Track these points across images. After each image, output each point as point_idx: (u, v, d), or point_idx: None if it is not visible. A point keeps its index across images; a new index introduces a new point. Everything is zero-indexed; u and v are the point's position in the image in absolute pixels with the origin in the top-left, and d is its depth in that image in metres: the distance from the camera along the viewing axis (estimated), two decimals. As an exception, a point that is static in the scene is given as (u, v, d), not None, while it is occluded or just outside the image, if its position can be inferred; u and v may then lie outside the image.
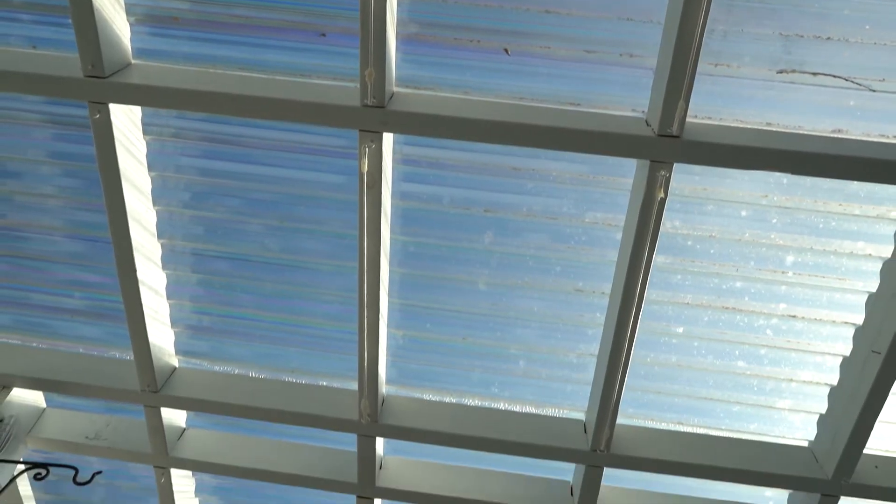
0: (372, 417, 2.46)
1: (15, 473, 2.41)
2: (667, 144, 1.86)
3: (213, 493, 3.04)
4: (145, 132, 2.24)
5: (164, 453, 2.68)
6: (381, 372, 2.43)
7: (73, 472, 2.52)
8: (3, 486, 2.40)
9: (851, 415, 2.25)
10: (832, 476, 2.34)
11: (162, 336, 2.53)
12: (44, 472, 2.34)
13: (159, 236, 2.42)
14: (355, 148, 2.01)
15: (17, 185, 2.44)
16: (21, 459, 2.54)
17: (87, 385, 2.56)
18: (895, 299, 2.07)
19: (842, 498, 2.43)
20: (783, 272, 2.23)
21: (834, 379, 2.35)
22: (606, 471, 2.53)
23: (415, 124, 1.94)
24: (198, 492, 3.03)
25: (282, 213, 2.34)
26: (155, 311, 2.44)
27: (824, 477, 2.36)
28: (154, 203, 2.37)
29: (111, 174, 2.11)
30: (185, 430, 2.81)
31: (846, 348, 2.30)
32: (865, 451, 2.35)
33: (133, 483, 3.07)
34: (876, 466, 2.41)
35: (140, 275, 2.29)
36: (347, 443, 2.73)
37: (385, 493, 2.66)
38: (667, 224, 2.18)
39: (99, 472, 2.39)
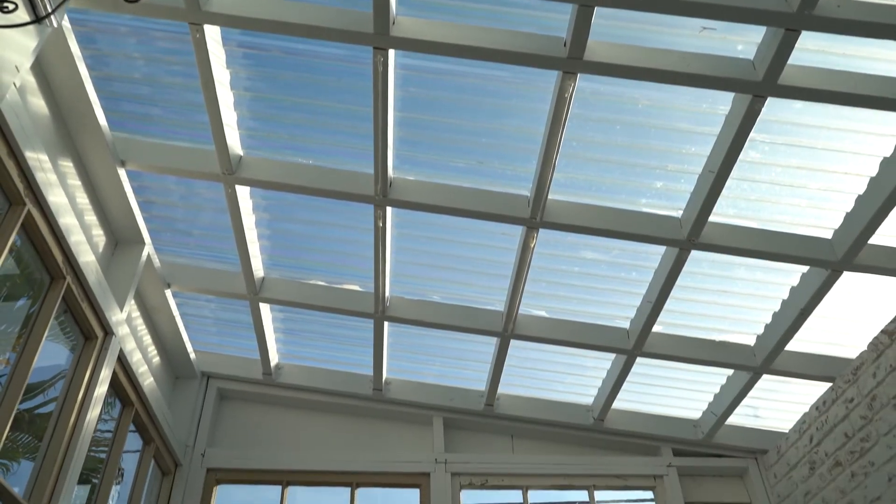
0: (386, -42, 2.68)
1: None
2: None
3: (242, 66, 3.38)
4: None
5: (196, 9, 2.96)
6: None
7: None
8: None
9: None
10: (797, 9, 2.63)
11: None
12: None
13: None
14: None
15: None
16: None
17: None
18: None
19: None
20: None
21: (815, -85, 2.52)
22: (594, 28, 2.82)
23: None
24: (229, 64, 3.37)
25: None
26: None
27: (789, 10, 2.65)
28: None
29: None
30: (212, -7, 3.06)
31: None
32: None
33: (172, 57, 3.41)
34: (839, 6, 2.69)
35: None
36: (363, 5, 2.99)
37: (399, 43, 2.98)
38: None
39: (145, -5, 2.66)
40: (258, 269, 4.33)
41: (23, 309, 3.07)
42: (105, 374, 3.52)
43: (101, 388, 3.50)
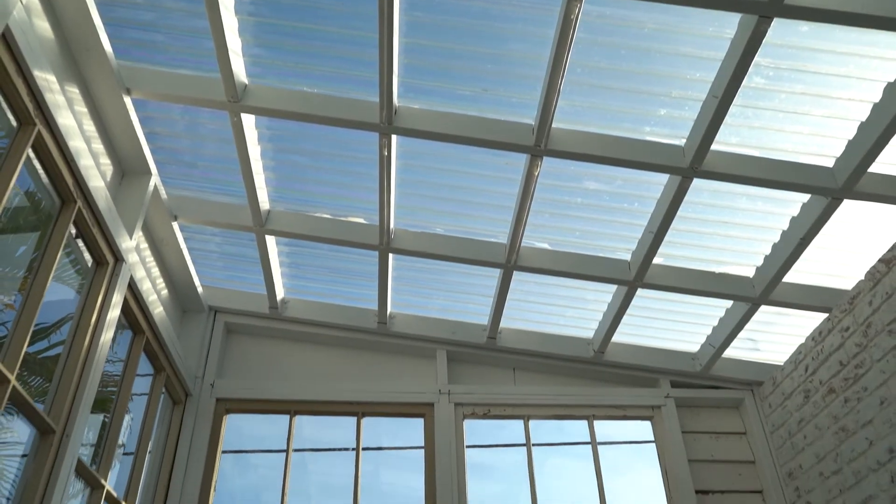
0: None
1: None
2: None
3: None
4: None
5: (200, -73, 2.94)
6: None
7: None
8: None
9: None
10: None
11: None
12: None
13: None
14: None
15: None
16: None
17: None
18: None
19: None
20: None
21: None
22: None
23: None
24: (233, -11, 3.35)
25: None
26: None
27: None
28: None
29: None
30: (216, -88, 3.03)
31: None
32: None
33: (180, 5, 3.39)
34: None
35: None
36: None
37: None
38: None
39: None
40: (264, 202, 4.37)
41: (28, 251, 3.07)
42: (117, 299, 3.60)
43: (114, 313, 3.58)
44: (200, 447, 4.72)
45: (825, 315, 4.40)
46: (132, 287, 3.85)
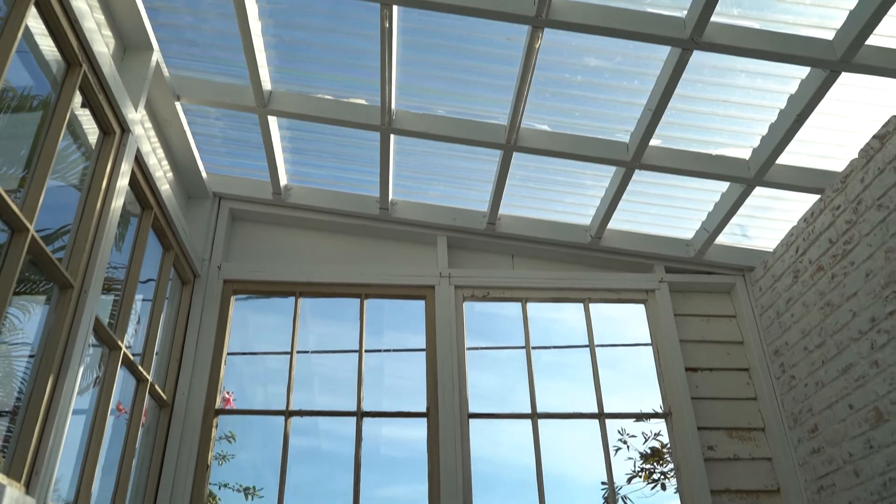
0: None
1: None
2: None
3: None
4: None
5: None
6: None
7: None
8: None
9: None
10: None
11: None
12: None
13: None
14: None
15: None
16: None
17: None
18: None
19: None
20: None
21: None
22: None
23: None
24: None
25: None
26: None
27: None
28: None
29: None
30: None
31: None
32: None
33: None
34: None
35: None
36: None
37: None
38: None
39: None
40: (265, 82, 4.39)
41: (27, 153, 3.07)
42: (125, 168, 3.68)
43: (123, 181, 3.67)
44: (210, 325, 4.90)
45: (818, 197, 4.49)
46: (139, 161, 3.93)
